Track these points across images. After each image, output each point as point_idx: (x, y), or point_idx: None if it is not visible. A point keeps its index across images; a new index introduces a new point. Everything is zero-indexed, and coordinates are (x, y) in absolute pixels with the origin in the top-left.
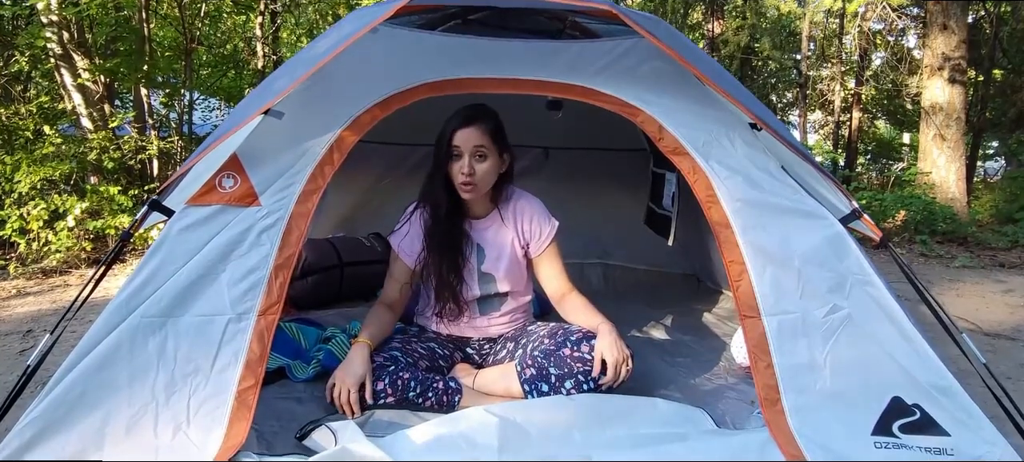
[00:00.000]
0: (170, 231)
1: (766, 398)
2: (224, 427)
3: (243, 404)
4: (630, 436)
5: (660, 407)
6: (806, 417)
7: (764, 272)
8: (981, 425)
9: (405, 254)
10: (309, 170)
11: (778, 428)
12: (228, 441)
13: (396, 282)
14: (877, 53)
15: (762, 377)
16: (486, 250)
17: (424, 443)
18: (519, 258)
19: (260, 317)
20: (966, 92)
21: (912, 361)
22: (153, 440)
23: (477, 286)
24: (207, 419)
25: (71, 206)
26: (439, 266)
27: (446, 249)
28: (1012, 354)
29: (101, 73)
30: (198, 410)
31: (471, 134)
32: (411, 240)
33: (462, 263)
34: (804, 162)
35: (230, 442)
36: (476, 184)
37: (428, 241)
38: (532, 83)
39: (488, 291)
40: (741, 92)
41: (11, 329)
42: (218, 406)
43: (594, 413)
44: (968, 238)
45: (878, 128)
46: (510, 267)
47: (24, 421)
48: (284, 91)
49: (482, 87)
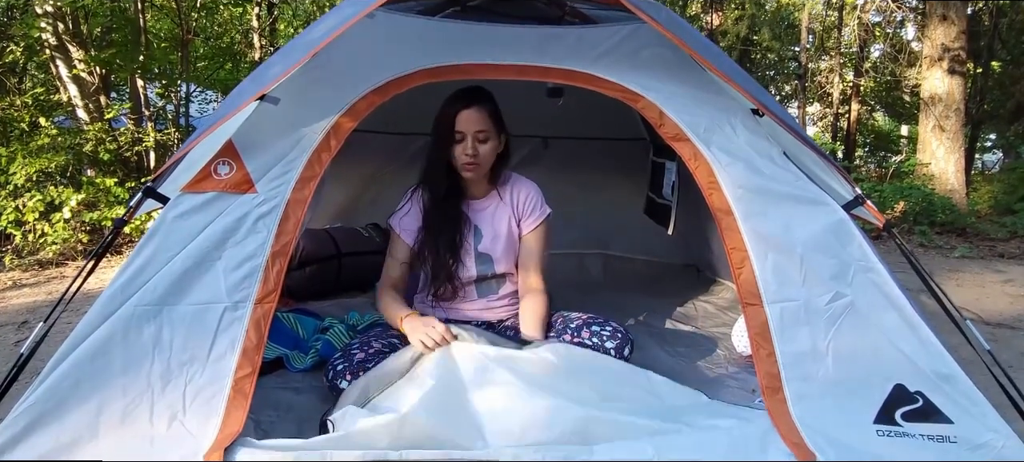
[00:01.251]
0: (165, 218)
1: (768, 386)
2: (221, 416)
3: (240, 393)
4: (626, 406)
5: (653, 380)
6: (808, 405)
7: (766, 259)
8: (985, 412)
9: (405, 233)
10: (306, 157)
11: (780, 416)
12: (225, 430)
13: (397, 262)
14: (876, 45)
15: (764, 365)
16: (483, 230)
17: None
18: (515, 239)
19: (257, 305)
20: (965, 83)
21: (915, 348)
22: (149, 429)
23: (474, 266)
24: (204, 408)
25: (67, 198)
26: (436, 245)
27: (444, 228)
28: (1013, 343)
29: (96, 64)
30: (194, 399)
31: (473, 116)
32: (411, 220)
33: (459, 242)
34: (806, 148)
35: (227, 431)
36: (479, 164)
37: (425, 220)
38: (532, 69)
39: (485, 272)
40: (743, 77)
41: (7, 321)
42: (215, 395)
43: (587, 368)
44: (967, 229)
45: (876, 120)
46: (507, 248)
47: (17, 410)
48: (279, 77)
49: (481, 73)
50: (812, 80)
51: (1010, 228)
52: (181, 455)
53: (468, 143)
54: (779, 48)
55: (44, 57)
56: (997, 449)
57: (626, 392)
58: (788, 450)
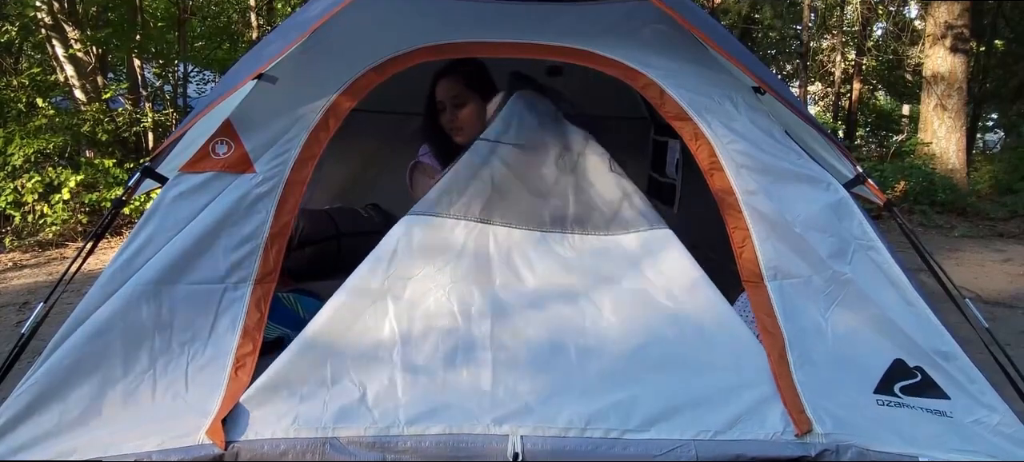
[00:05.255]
0: (164, 199)
1: (773, 355)
2: (222, 392)
3: (242, 369)
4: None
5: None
6: (812, 373)
7: (767, 238)
8: (982, 390)
9: (434, 168)
10: (304, 136)
11: (784, 381)
12: (227, 406)
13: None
14: (879, 23)
15: (768, 338)
16: None
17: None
18: None
19: (257, 285)
20: (968, 62)
21: (914, 326)
22: (151, 407)
23: None
24: (206, 386)
25: (66, 179)
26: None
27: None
28: (1011, 322)
29: (93, 44)
30: (196, 376)
31: (446, 84)
32: (432, 159)
33: None
34: (808, 126)
35: (229, 407)
36: (462, 127)
37: (443, 162)
38: (532, 47)
39: None
40: (744, 55)
41: (8, 302)
42: (216, 372)
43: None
44: (967, 208)
45: (878, 99)
46: None
47: (20, 389)
48: (277, 55)
49: (481, 51)
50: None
51: (1010, 208)
52: (184, 431)
53: (448, 110)
54: (781, 27)
55: (40, 37)
56: (993, 426)
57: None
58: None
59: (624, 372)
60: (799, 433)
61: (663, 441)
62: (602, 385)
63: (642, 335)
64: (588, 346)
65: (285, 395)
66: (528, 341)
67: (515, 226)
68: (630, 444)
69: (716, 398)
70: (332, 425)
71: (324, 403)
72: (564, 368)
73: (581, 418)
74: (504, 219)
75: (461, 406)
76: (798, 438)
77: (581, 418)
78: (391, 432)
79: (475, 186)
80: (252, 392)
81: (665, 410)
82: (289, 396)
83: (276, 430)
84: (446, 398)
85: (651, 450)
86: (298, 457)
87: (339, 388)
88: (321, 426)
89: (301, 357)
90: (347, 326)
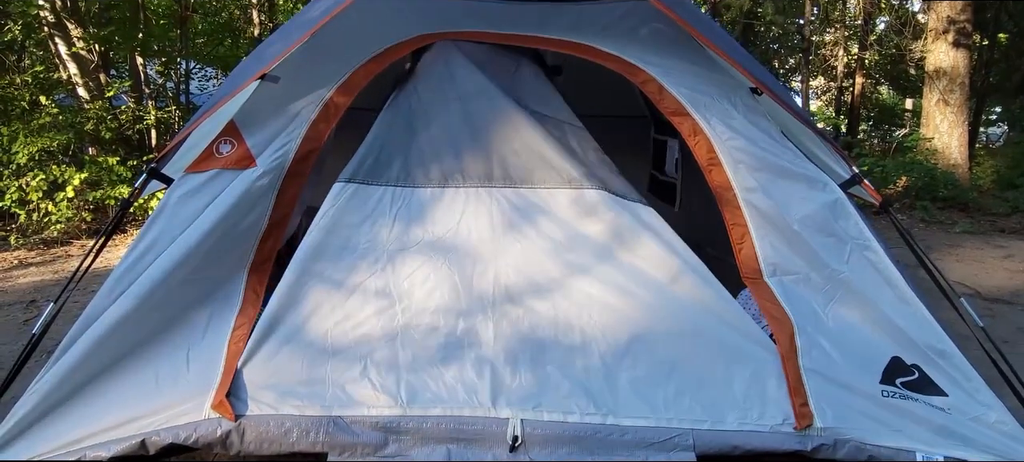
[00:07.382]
0: (170, 199)
1: (783, 341)
2: (219, 374)
3: (238, 353)
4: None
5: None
6: (818, 358)
7: (766, 234)
8: (978, 387)
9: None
10: (303, 129)
11: (791, 368)
12: (227, 377)
13: None
14: (881, 17)
15: (776, 325)
16: None
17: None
18: None
19: (252, 273)
20: (971, 56)
21: (910, 324)
22: (155, 390)
23: None
24: (206, 364)
25: (70, 176)
26: None
27: None
28: (1010, 318)
29: (95, 42)
30: (197, 358)
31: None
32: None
33: None
34: (805, 127)
35: (229, 376)
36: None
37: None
38: (533, 39)
39: None
40: (742, 56)
41: (14, 300)
42: (215, 351)
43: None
44: (969, 204)
45: (881, 94)
46: None
47: (33, 388)
48: (279, 56)
49: (481, 39)
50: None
51: (1012, 203)
52: (189, 408)
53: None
54: (783, 22)
55: (42, 35)
56: (990, 423)
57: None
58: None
59: (623, 358)
60: (798, 427)
61: (662, 429)
62: (601, 371)
63: (640, 322)
64: (586, 333)
65: (288, 375)
66: (525, 328)
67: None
68: (628, 430)
69: (717, 386)
70: (336, 406)
71: (327, 383)
72: (563, 356)
73: (580, 404)
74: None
75: (460, 390)
76: (797, 431)
77: (580, 404)
78: (393, 413)
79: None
80: (255, 371)
81: (666, 398)
82: (291, 377)
83: (281, 408)
84: (444, 385)
85: (649, 437)
86: (302, 435)
87: (341, 368)
88: (325, 405)
89: (294, 339)
90: (340, 303)
